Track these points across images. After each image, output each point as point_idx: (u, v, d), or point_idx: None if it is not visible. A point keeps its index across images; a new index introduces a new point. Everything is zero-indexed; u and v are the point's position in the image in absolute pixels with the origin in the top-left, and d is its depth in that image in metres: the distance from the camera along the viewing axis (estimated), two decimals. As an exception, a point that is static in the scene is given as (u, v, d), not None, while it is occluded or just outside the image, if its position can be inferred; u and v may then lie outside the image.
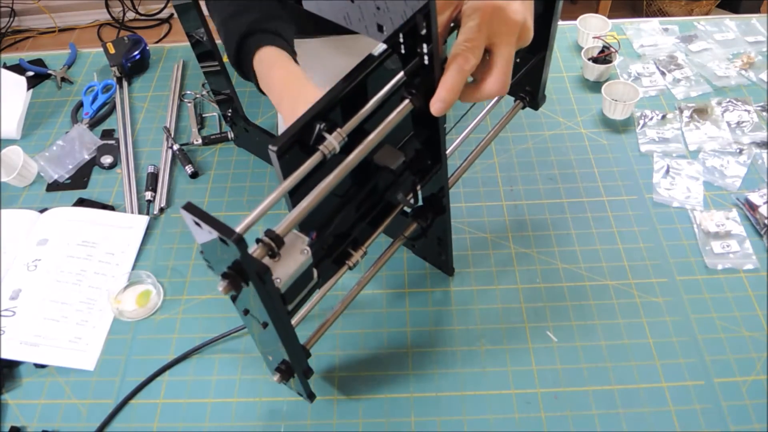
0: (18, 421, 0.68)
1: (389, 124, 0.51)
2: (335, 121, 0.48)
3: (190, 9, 0.74)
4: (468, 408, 0.66)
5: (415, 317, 0.74)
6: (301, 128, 0.47)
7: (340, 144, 0.48)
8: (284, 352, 0.54)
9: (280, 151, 0.46)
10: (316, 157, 0.47)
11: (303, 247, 0.48)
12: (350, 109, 0.50)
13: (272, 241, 0.45)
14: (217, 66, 0.81)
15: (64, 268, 0.80)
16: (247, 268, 0.42)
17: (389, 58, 0.52)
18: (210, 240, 0.42)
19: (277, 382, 0.58)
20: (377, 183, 0.59)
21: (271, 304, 0.47)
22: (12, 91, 1.04)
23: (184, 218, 0.42)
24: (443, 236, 0.70)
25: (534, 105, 0.76)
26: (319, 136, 0.48)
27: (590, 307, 0.73)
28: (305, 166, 0.47)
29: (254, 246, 0.45)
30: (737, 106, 0.93)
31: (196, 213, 0.40)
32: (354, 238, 0.60)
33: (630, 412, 0.65)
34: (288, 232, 0.46)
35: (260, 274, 0.44)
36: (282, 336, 0.51)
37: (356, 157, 0.49)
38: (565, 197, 0.84)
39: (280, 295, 0.48)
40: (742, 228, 0.79)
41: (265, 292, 0.46)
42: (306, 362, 0.60)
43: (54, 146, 0.95)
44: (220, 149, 0.95)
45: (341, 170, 0.48)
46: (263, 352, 0.60)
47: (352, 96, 0.50)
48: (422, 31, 0.47)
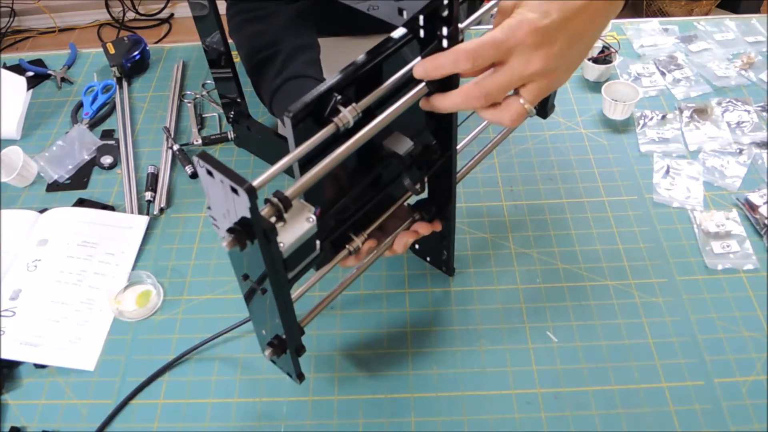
0: (18, 421, 0.68)
1: (404, 105, 0.50)
2: (351, 96, 0.49)
3: (207, 17, 0.75)
4: (468, 408, 0.66)
5: (415, 317, 0.74)
6: (317, 97, 0.47)
7: (354, 118, 0.48)
8: (279, 325, 0.54)
9: (296, 118, 0.46)
10: (329, 129, 0.47)
11: (309, 215, 0.48)
12: (366, 88, 0.50)
13: (280, 201, 0.44)
14: (230, 73, 0.82)
15: (64, 269, 0.80)
16: (254, 224, 0.42)
17: (408, 43, 0.52)
18: (220, 192, 0.41)
19: (267, 357, 0.57)
20: (384, 170, 0.59)
21: (272, 267, 0.47)
22: (12, 91, 1.04)
23: (197, 167, 0.42)
24: (446, 233, 0.70)
25: (543, 114, 0.75)
26: (334, 108, 0.48)
27: (590, 307, 0.73)
28: (318, 136, 0.47)
29: (262, 206, 0.45)
30: (737, 106, 0.93)
31: (209, 161, 0.40)
32: (356, 223, 0.60)
33: (630, 412, 0.65)
34: (296, 196, 0.46)
35: (266, 232, 0.44)
36: (280, 303, 0.51)
37: (369, 133, 0.49)
38: (565, 197, 0.84)
39: (282, 259, 0.48)
40: (742, 228, 0.79)
41: (269, 253, 0.45)
42: (299, 339, 0.59)
43: (54, 146, 0.95)
44: (220, 149, 0.95)
45: (353, 143, 0.48)
46: (257, 326, 0.59)
47: (369, 75, 0.50)
48: (443, 13, 0.47)
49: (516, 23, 0.46)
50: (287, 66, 0.77)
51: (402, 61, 0.53)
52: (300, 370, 0.61)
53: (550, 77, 0.49)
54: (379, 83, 0.51)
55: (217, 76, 0.86)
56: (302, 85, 0.76)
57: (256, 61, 0.79)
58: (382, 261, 0.79)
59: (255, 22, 0.81)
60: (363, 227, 0.61)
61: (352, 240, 0.60)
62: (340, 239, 0.60)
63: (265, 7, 0.82)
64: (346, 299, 0.76)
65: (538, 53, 0.47)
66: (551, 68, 0.48)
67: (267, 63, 0.78)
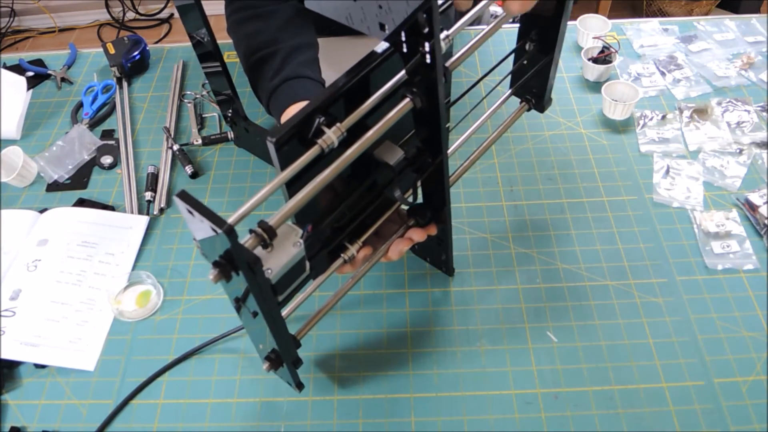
0: (18, 421, 0.68)
1: (389, 122, 0.51)
2: (335, 116, 0.48)
3: (192, 10, 0.74)
4: (468, 408, 0.66)
5: (415, 317, 0.74)
6: (300, 121, 0.47)
7: (339, 139, 0.48)
8: (274, 342, 0.55)
9: (279, 143, 0.46)
10: (313, 151, 0.47)
11: (296, 240, 0.48)
12: (351, 105, 0.50)
13: (264, 232, 0.45)
14: (219, 67, 0.81)
15: (64, 269, 0.80)
16: (237, 258, 0.42)
17: (392, 56, 0.52)
18: (202, 228, 0.42)
19: (266, 370, 0.58)
20: (376, 178, 0.59)
21: (260, 295, 0.47)
22: (12, 91, 1.04)
23: (178, 206, 0.42)
24: (443, 236, 0.70)
25: (540, 108, 0.76)
26: (318, 129, 0.48)
27: (590, 307, 0.73)
28: (302, 159, 0.47)
29: (247, 236, 0.45)
30: (737, 107, 0.93)
31: (189, 202, 0.41)
32: (351, 231, 0.60)
33: (630, 412, 0.65)
34: (282, 223, 0.46)
35: (251, 264, 0.44)
36: (271, 326, 0.51)
37: (353, 153, 0.49)
38: (565, 197, 0.84)
39: (270, 285, 0.48)
40: (742, 228, 0.79)
41: (255, 283, 0.46)
42: (295, 352, 0.60)
43: (54, 146, 0.95)
44: (220, 149, 0.95)
45: (338, 165, 0.48)
46: (254, 341, 0.60)
47: (353, 92, 0.50)
48: (424, 29, 0.47)
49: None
50: (285, 66, 0.77)
51: (388, 69, 0.52)
52: (299, 379, 0.61)
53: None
54: (365, 98, 0.50)
55: (208, 71, 0.85)
56: (300, 86, 0.75)
57: (253, 60, 0.79)
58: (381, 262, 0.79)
59: (253, 21, 0.81)
60: (357, 235, 0.61)
61: (346, 249, 0.60)
62: (334, 249, 0.60)
63: (263, 5, 0.81)
64: (346, 300, 0.76)
65: None
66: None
67: (265, 62, 0.78)
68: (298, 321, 0.69)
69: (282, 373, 0.61)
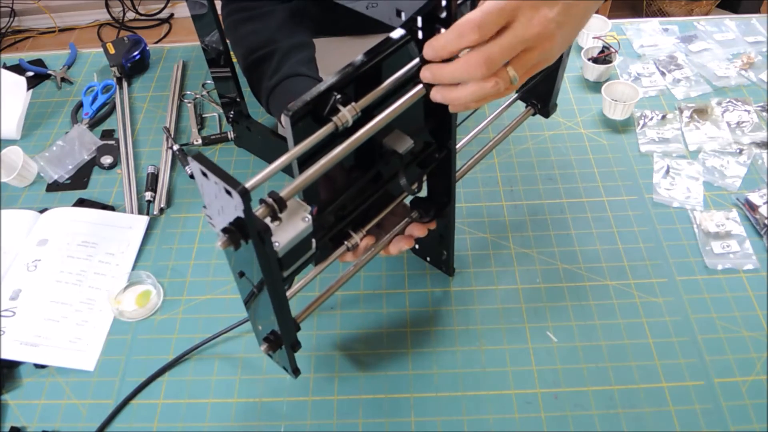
0: (18, 421, 0.68)
1: (402, 105, 0.50)
2: (350, 96, 0.48)
3: (206, 16, 0.75)
4: (468, 408, 0.66)
5: (415, 317, 0.74)
6: (316, 96, 0.47)
7: (353, 117, 0.48)
8: (274, 321, 0.54)
9: (295, 116, 0.46)
10: (328, 128, 0.47)
11: (304, 215, 0.48)
12: (366, 88, 0.50)
13: (275, 202, 0.44)
14: (228, 72, 0.82)
15: (64, 269, 0.80)
16: (249, 225, 0.42)
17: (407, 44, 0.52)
18: (215, 192, 0.42)
19: (264, 352, 0.58)
20: (384, 167, 0.59)
21: (267, 267, 0.47)
22: (12, 91, 1.04)
23: (192, 168, 0.42)
24: (445, 233, 0.70)
25: (545, 113, 0.75)
26: (334, 107, 0.48)
27: (590, 307, 0.73)
28: (317, 135, 0.47)
29: (257, 206, 0.45)
30: (737, 106, 0.93)
31: (204, 162, 0.41)
32: (355, 220, 0.60)
33: (630, 412, 0.65)
34: (291, 197, 0.46)
35: (261, 232, 0.44)
36: (274, 301, 0.51)
37: (367, 132, 0.49)
38: (565, 197, 0.84)
39: (277, 258, 0.48)
40: (742, 228, 0.79)
41: (263, 253, 0.45)
42: (295, 335, 0.59)
43: (54, 146, 0.95)
44: (220, 149, 0.95)
45: (351, 142, 0.48)
46: (254, 321, 0.59)
47: (368, 75, 0.50)
48: (441, 14, 0.46)
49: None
50: (283, 65, 0.77)
51: (402, 60, 0.53)
52: (296, 365, 0.61)
53: (545, 45, 0.47)
54: (378, 83, 0.51)
55: (216, 76, 0.86)
56: (298, 84, 0.76)
57: (251, 60, 0.80)
58: (381, 261, 0.79)
59: (250, 22, 0.81)
60: (361, 224, 0.61)
61: (350, 236, 0.60)
62: (338, 235, 0.60)
63: (260, 7, 0.82)
64: (346, 299, 0.76)
65: (538, 15, 0.46)
66: (548, 33, 0.47)
67: (263, 62, 0.79)
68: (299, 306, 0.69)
69: (280, 356, 0.60)
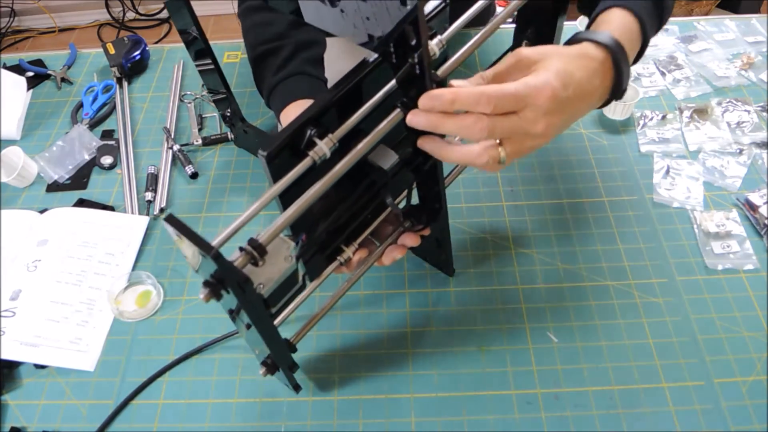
0: (18, 421, 0.68)
1: (379, 133, 0.51)
2: (327, 126, 0.48)
3: (181, 7, 0.73)
4: (468, 408, 0.66)
5: (415, 317, 0.74)
6: (291, 134, 0.47)
7: (331, 150, 0.48)
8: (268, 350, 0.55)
9: (270, 156, 0.46)
10: (305, 163, 0.47)
11: (287, 254, 0.49)
12: (343, 114, 0.50)
13: (254, 249, 0.45)
14: (211, 64, 0.81)
15: (64, 269, 0.80)
16: (227, 279, 0.42)
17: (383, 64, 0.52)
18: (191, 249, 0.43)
19: (262, 375, 0.58)
20: (372, 181, 0.59)
21: (252, 310, 0.48)
22: (12, 91, 1.04)
23: (167, 230, 0.43)
24: (441, 237, 0.70)
25: None
26: (310, 141, 0.48)
27: (590, 307, 0.73)
28: (294, 172, 0.47)
29: (236, 253, 0.45)
30: (737, 107, 0.93)
31: (177, 226, 0.41)
32: (347, 234, 0.60)
33: (630, 413, 0.65)
34: (273, 238, 0.46)
35: (240, 283, 0.44)
36: (264, 337, 0.52)
37: (344, 166, 0.49)
38: (565, 197, 0.84)
39: (262, 300, 0.48)
40: (742, 228, 0.79)
41: (246, 301, 0.46)
42: (291, 358, 0.60)
43: (54, 147, 0.95)
44: (220, 150, 0.95)
45: (329, 178, 0.48)
46: (251, 347, 0.60)
47: (345, 101, 0.50)
48: (411, 41, 0.46)
49: (541, 85, 0.49)
50: (289, 63, 0.77)
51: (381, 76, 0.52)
52: (295, 382, 0.61)
53: (538, 141, 0.51)
54: (357, 107, 0.50)
55: (201, 69, 0.85)
56: (301, 83, 0.75)
57: (259, 52, 0.79)
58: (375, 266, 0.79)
59: (265, 10, 0.81)
60: (353, 237, 0.61)
61: (342, 251, 0.60)
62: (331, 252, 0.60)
63: None
64: (346, 300, 0.76)
65: (545, 118, 0.49)
66: (546, 134, 0.51)
67: (270, 56, 0.78)
68: (298, 321, 0.70)
69: (279, 376, 0.61)
